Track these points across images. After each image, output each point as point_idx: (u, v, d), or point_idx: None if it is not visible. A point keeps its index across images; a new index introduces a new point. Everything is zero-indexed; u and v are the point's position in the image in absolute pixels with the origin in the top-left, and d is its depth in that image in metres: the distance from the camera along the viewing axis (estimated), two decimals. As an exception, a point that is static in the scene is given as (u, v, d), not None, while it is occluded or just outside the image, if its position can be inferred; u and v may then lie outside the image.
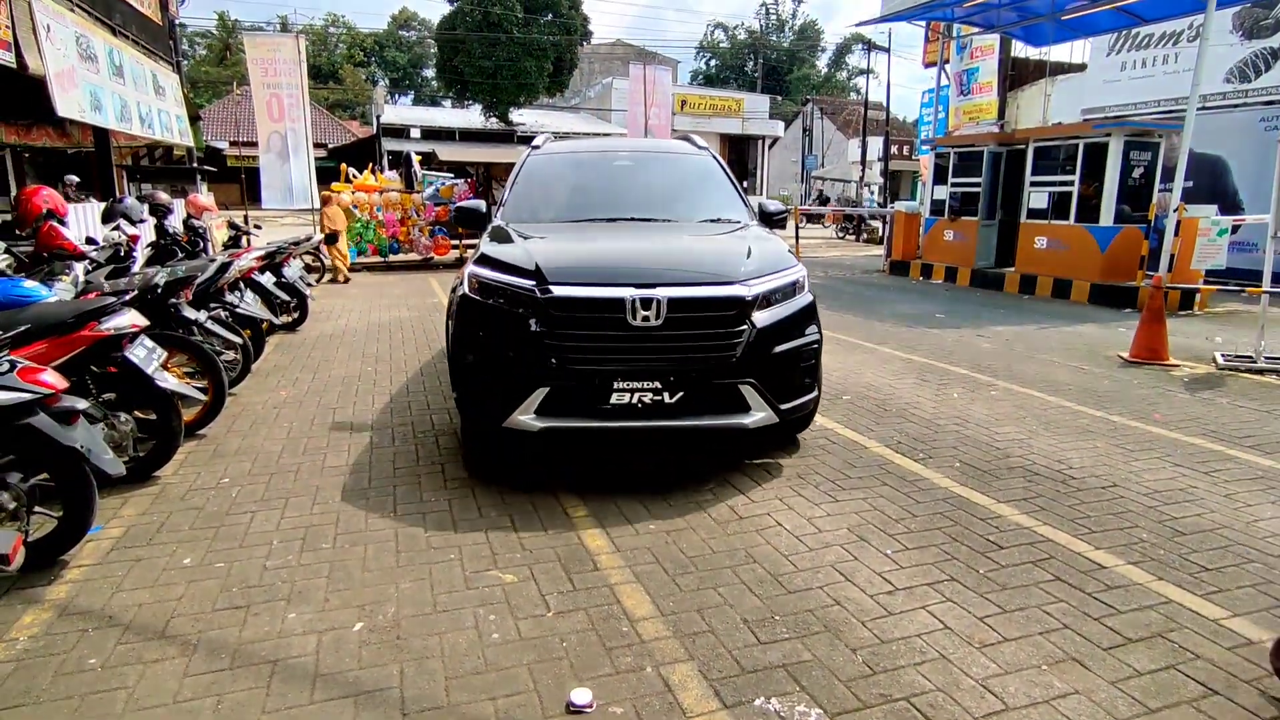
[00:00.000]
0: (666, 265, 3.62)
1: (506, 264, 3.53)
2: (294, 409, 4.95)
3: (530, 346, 3.30)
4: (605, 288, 3.32)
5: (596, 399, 3.30)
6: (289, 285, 7.52)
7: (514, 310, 3.38)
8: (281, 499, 3.47)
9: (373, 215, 13.89)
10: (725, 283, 3.44)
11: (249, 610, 2.54)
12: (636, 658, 2.27)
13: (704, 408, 3.39)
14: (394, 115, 31.79)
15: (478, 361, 3.49)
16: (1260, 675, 2.20)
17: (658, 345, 3.30)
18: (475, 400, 3.59)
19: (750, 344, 3.38)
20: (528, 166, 4.92)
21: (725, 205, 4.70)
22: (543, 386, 3.29)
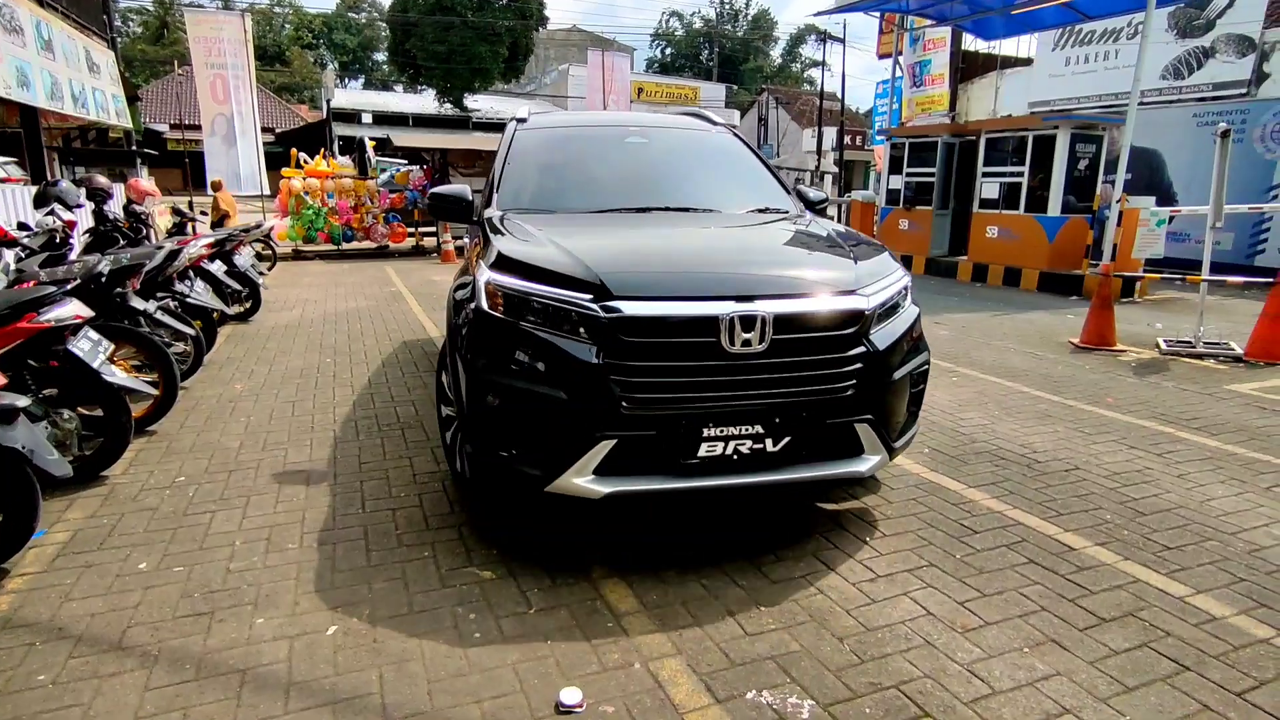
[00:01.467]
0: (762, 271, 2.84)
1: (545, 271, 2.65)
2: (251, 402, 4.75)
3: (589, 384, 2.47)
4: (692, 303, 2.53)
5: (680, 452, 2.54)
6: (240, 274, 7.23)
7: (563, 335, 2.54)
8: (243, 498, 3.32)
9: (324, 202, 13.47)
10: (841, 292, 2.71)
11: (213, 617, 2.41)
12: (624, 654, 2.23)
13: (812, 454, 2.69)
14: (344, 100, 30.86)
15: (508, 405, 2.61)
16: (1226, 650, 2.28)
17: (760, 377, 2.54)
18: (504, 456, 2.68)
19: (868, 370, 2.68)
20: (519, 144, 4.01)
21: (767, 191, 4.00)
22: (607, 438, 2.47)
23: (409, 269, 12.08)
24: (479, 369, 2.69)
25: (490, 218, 3.34)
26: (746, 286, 2.62)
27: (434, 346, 6.41)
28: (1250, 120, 11.28)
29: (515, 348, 2.61)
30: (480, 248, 3.14)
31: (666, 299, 2.56)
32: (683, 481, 2.58)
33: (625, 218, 3.55)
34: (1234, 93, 12.29)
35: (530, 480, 2.62)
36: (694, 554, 2.83)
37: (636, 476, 2.58)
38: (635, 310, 2.49)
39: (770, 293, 2.60)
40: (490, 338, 2.69)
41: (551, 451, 2.56)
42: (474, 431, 2.79)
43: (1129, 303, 9.50)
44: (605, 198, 3.72)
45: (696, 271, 2.83)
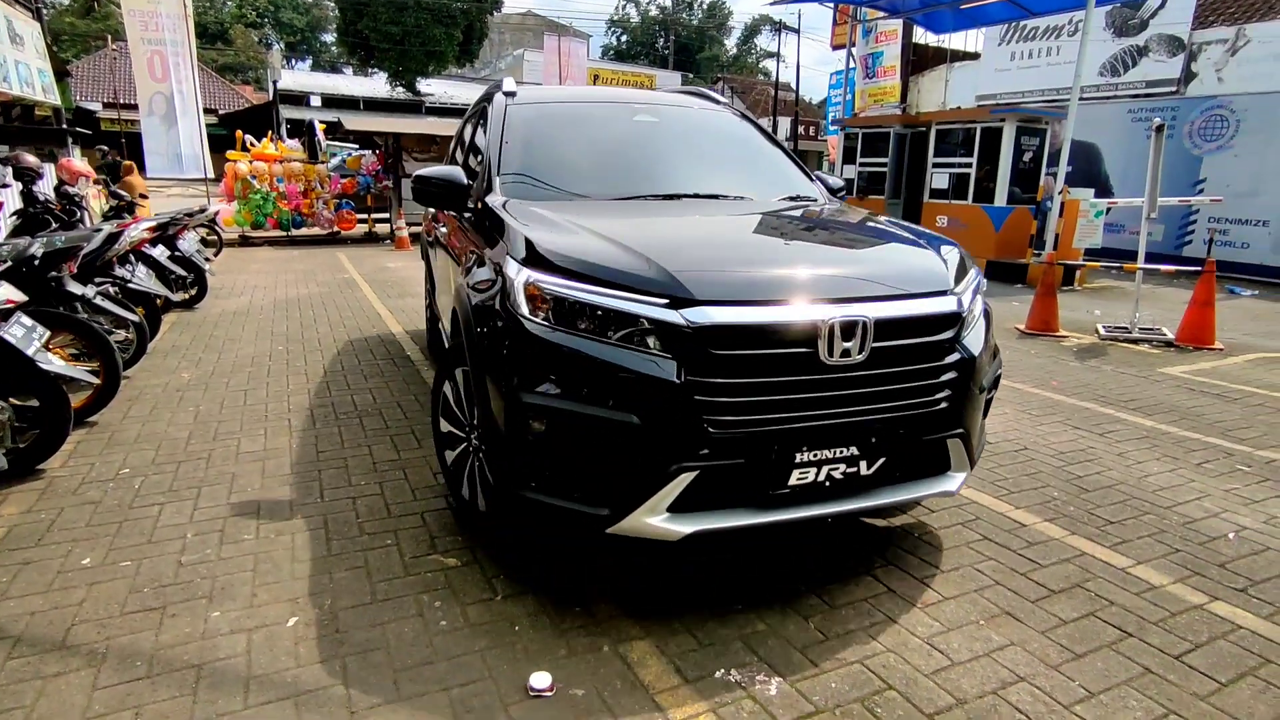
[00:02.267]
0: (856, 270, 2.52)
1: (602, 270, 2.24)
2: (200, 391, 4.59)
3: (668, 406, 2.09)
4: (787, 307, 2.19)
5: (769, 481, 2.20)
6: (185, 259, 6.96)
7: (632, 348, 2.14)
8: (193, 489, 3.21)
9: (273, 186, 13.03)
10: (937, 292, 2.42)
11: (165, 612, 2.33)
12: (592, 637, 2.23)
13: (904, 474, 2.42)
14: (292, 81, 29.82)
15: (560, 434, 2.20)
16: (1165, 616, 2.40)
17: (858, 391, 2.24)
18: (550, 493, 2.28)
19: (962, 379, 2.41)
20: (516, 122, 3.48)
21: (792, 177, 3.72)
22: (687, 469, 2.11)
23: (362, 256, 11.79)
24: (517, 389, 2.23)
25: (498, 206, 2.88)
26: (844, 288, 2.31)
27: (389, 334, 6.28)
28: (1180, 117, 11.79)
29: (567, 363, 2.18)
30: (484, 241, 2.80)
31: (758, 303, 2.19)
32: (771, 514, 2.23)
33: (656, 206, 3.14)
34: (1165, 90, 12.82)
35: (587, 521, 2.22)
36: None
37: (718, 511, 2.21)
38: (724, 318, 2.12)
39: (869, 295, 2.29)
40: (533, 351, 2.23)
41: (618, 487, 2.17)
42: (508, 464, 2.33)
43: (1069, 290, 9.85)
44: (625, 183, 3.33)
45: (786, 271, 2.40)
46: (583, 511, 2.23)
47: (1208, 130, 11.50)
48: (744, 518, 2.21)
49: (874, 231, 3.02)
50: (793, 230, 2.99)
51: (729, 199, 3.35)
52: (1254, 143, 11.00)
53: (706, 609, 2.38)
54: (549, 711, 1.92)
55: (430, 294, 5.36)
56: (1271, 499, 3.36)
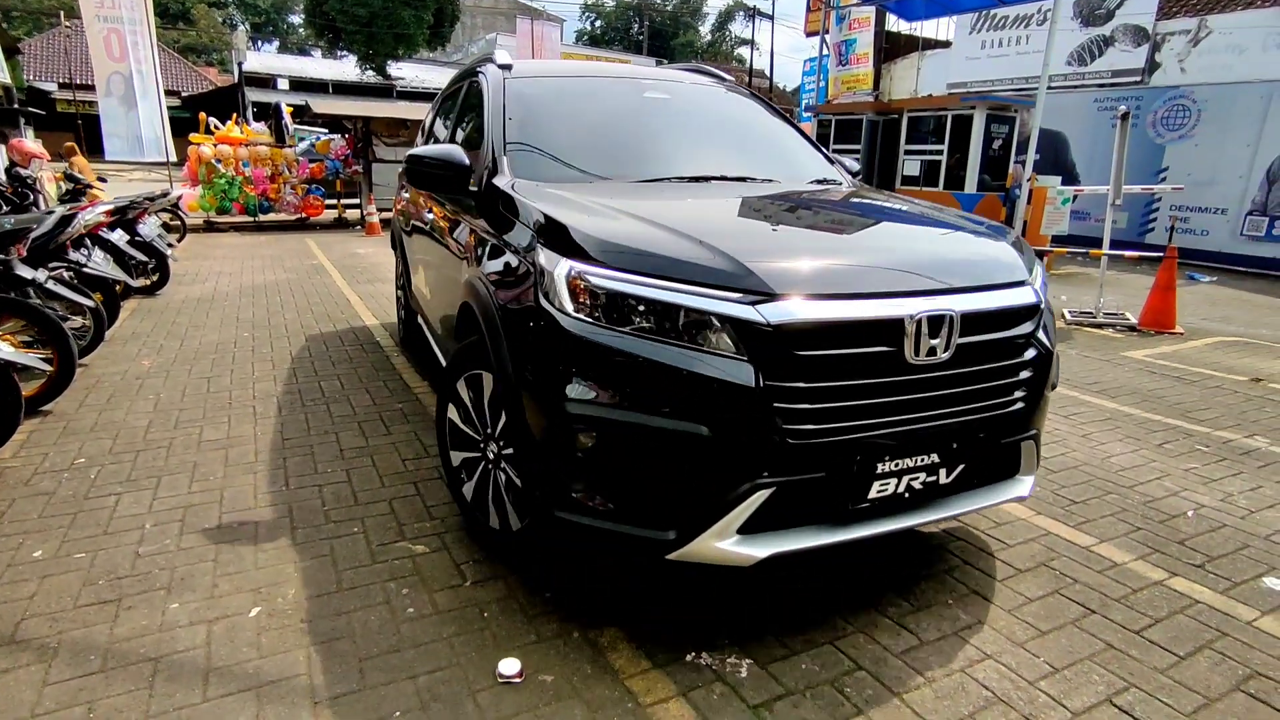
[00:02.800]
0: (937, 258, 2.29)
1: (658, 258, 1.98)
2: (160, 379, 4.46)
3: (744, 414, 1.86)
4: (874, 301, 1.98)
5: (849, 494, 2.00)
6: (146, 244, 6.76)
7: (700, 349, 1.89)
8: (153, 478, 3.12)
9: (239, 171, 12.71)
10: (1016, 283, 2.25)
11: (121, 604, 2.26)
12: (562, 623, 2.21)
13: (980, 480, 2.25)
14: (258, 63, 29.10)
15: (615, 449, 1.96)
16: (1127, 593, 2.44)
17: (942, 393, 2.06)
18: (599, 516, 2.02)
19: (1038, 376, 2.26)
20: (517, 98, 3.15)
21: (812, 159, 3.52)
22: (763, 485, 1.89)
23: (331, 242, 11.57)
24: (561, 398, 1.97)
25: (508, 188, 2.59)
26: (928, 279, 2.09)
27: (359, 320, 6.16)
28: (1144, 106, 11.98)
29: (621, 368, 1.92)
30: (497, 227, 2.55)
31: (843, 298, 1.96)
32: (849, 531, 2.03)
33: (688, 189, 2.88)
34: (1130, 80, 13.01)
35: (644, 547, 1.98)
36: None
37: (792, 530, 2.00)
38: (809, 314, 1.90)
39: (953, 286, 2.09)
40: (579, 354, 1.96)
41: (682, 508, 1.93)
42: (549, 483, 2.07)
43: (1039, 277, 9.97)
44: (645, 163, 3.08)
45: (865, 262, 2.18)
46: (640, 536, 1.97)
47: (1170, 120, 11.72)
48: (820, 536, 2.00)
49: (933, 218, 2.72)
50: (849, 217, 2.69)
51: (757, 181, 3.11)
52: (1213, 132, 11.24)
53: (677, 591, 2.38)
54: (517, 698, 1.90)
55: (405, 285, 5.01)
56: (1228, 477, 3.44)
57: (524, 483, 2.23)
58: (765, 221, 2.57)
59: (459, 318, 2.80)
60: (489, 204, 2.72)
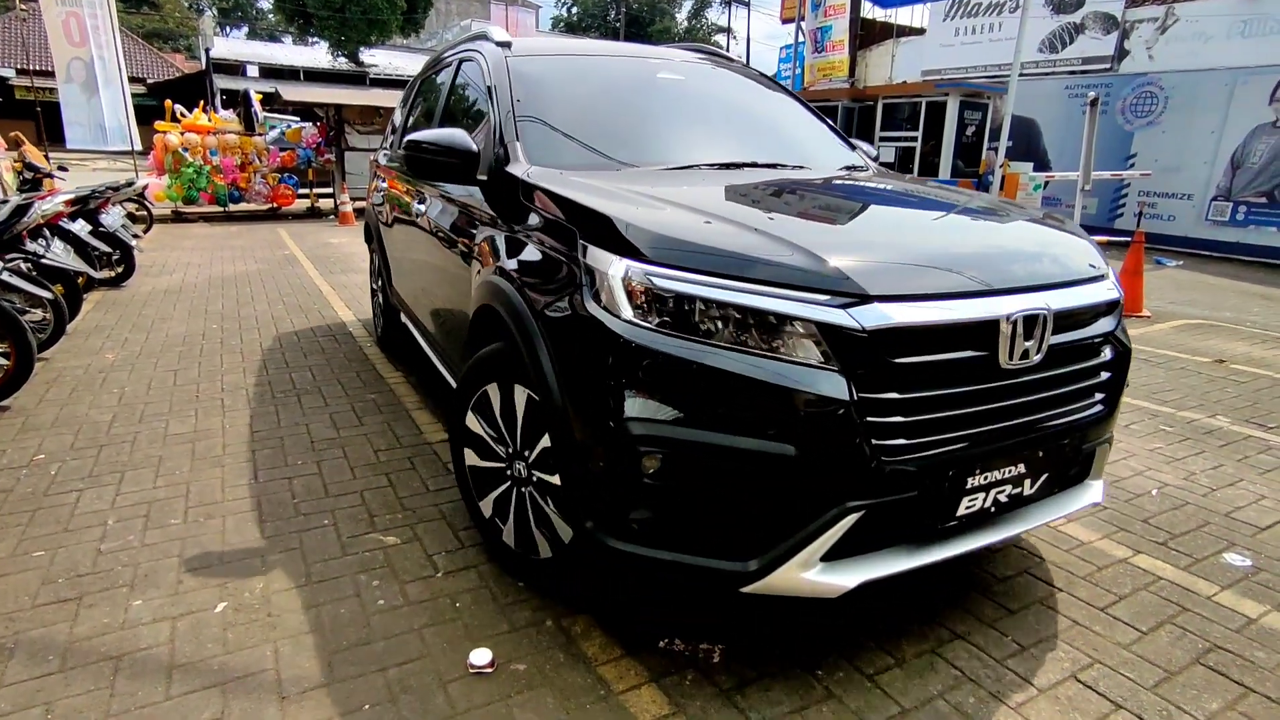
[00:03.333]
0: (1015, 254, 2.09)
1: (730, 256, 1.77)
2: (125, 373, 4.36)
3: (834, 431, 1.68)
4: (969, 301, 1.80)
5: (938, 513, 1.85)
6: (109, 235, 6.59)
7: (783, 358, 1.69)
8: (116, 474, 3.05)
9: (207, 159, 12.44)
10: (1095, 277, 2.11)
11: (81, 603, 2.21)
12: (534, 612, 2.20)
13: (1058, 488, 2.12)
14: (226, 50, 28.41)
15: (683, 471, 1.74)
16: (1092, 571, 2.49)
17: (1031, 399, 1.92)
18: (666, 547, 1.81)
19: (1117, 376, 2.16)
20: (524, 78, 2.89)
21: (835, 143, 3.35)
22: (852, 509, 1.71)
23: (304, 232, 11.38)
24: (623, 416, 1.75)
25: (527, 176, 2.38)
26: (1018, 274, 1.93)
27: (331, 310, 6.07)
28: (1113, 94, 12.14)
29: (692, 381, 1.70)
30: (515, 221, 2.36)
31: (939, 298, 1.78)
32: (937, 551, 1.87)
33: (722, 177, 2.63)
34: (1100, 67, 13.16)
35: (716, 579, 1.79)
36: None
37: (879, 554, 1.83)
38: (906, 317, 1.71)
39: (1046, 281, 1.95)
40: (642, 366, 1.74)
41: (762, 536, 1.74)
42: (604, 510, 1.86)
43: (1012, 263, 10.10)
44: (671, 149, 2.88)
45: (953, 257, 1.95)
46: (712, 568, 1.78)
47: (1138, 106, 11.88)
48: (907, 559, 1.84)
49: (994, 208, 2.55)
50: (911, 208, 2.51)
51: (788, 168, 2.90)
52: (1180, 119, 11.42)
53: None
54: (489, 688, 1.89)
55: (384, 282, 4.65)
56: (1191, 457, 3.51)
57: (570, 509, 1.99)
58: (828, 213, 2.36)
59: (475, 321, 2.51)
60: (503, 194, 2.50)
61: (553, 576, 2.24)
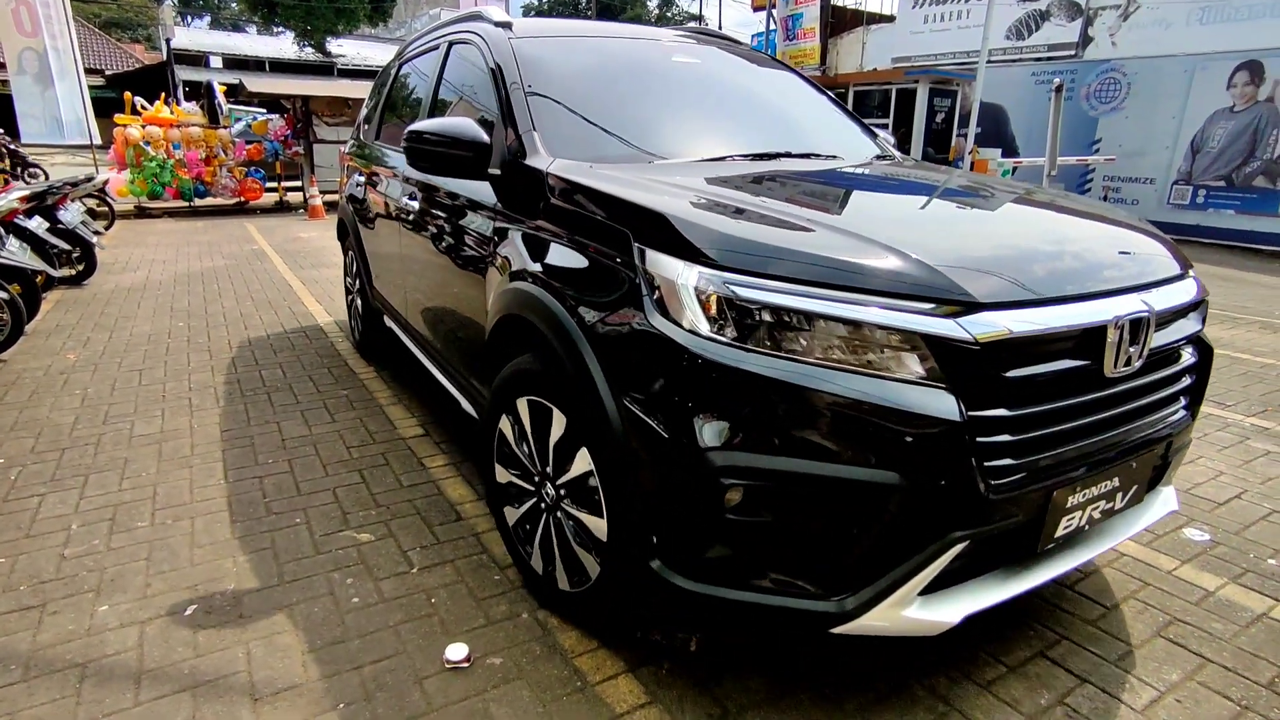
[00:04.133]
0: (1105, 252, 1.92)
1: (820, 261, 1.57)
2: (87, 373, 4.26)
3: (942, 455, 1.51)
4: (1079, 304, 1.66)
5: (1038, 536, 1.70)
6: (68, 232, 6.41)
7: (885, 375, 1.50)
8: (79, 477, 2.98)
9: (170, 153, 12.14)
10: (1180, 275, 1.96)
11: (44, 610, 2.16)
12: (511, 605, 2.20)
13: (1140, 499, 1.97)
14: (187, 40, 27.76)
15: (769, 505, 1.55)
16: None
17: (1129, 408, 1.80)
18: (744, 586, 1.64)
19: (1201, 379, 2.06)
20: (533, 62, 2.65)
21: (858, 132, 3.19)
22: (958, 537, 1.54)
23: (272, 226, 11.18)
24: (698, 443, 1.55)
25: (555, 170, 2.16)
26: (1122, 273, 1.79)
27: (302, 306, 5.98)
28: (1078, 80, 12.32)
29: (784, 403, 1.51)
30: (540, 219, 2.14)
31: (1050, 303, 1.62)
32: (1035, 576, 1.74)
33: (761, 167, 2.43)
34: (1065, 54, 13.35)
35: (805, 621, 1.62)
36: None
37: (976, 583, 1.70)
38: (1022, 326, 1.54)
39: (1143, 282, 1.80)
40: (724, 387, 1.54)
41: (859, 573, 1.57)
42: (673, 548, 1.67)
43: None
44: (701, 139, 2.69)
45: (1056, 258, 1.80)
46: (800, 610, 1.61)
47: (1102, 92, 12.07)
48: (1008, 586, 1.71)
49: (1060, 202, 2.36)
50: (982, 202, 2.28)
51: (823, 158, 2.73)
52: (1142, 105, 11.63)
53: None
54: (465, 683, 1.89)
55: (364, 283, 4.33)
56: (1155, 437, 3.59)
57: (624, 545, 1.78)
58: (903, 211, 2.17)
59: (497, 331, 2.27)
60: (520, 190, 2.30)
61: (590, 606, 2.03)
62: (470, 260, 2.58)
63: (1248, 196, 10.57)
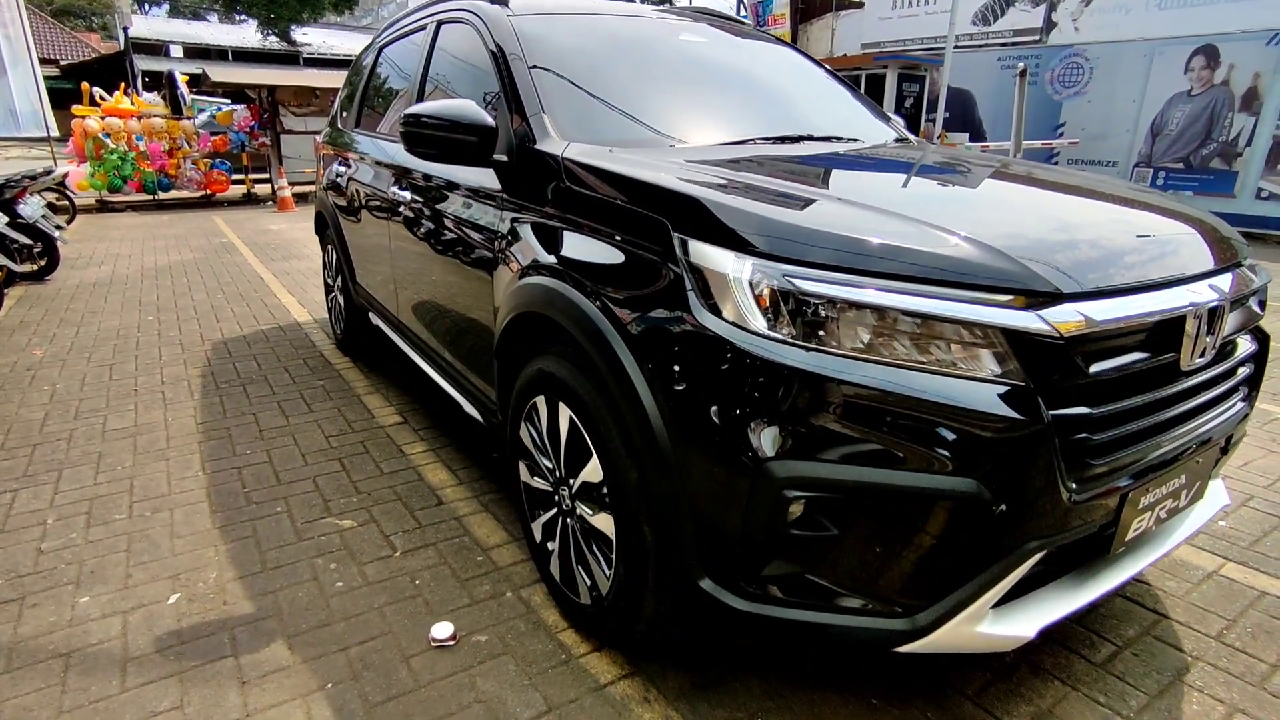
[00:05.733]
0: (1175, 234, 1.80)
1: (888, 251, 1.44)
2: (55, 369, 4.19)
3: (1021, 460, 1.38)
4: (1159, 292, 1.56)
5: (1109, 540, 1.61)
6: (29, 226, 6.26)
7: (960, 374, 1.38)
8: (52, 472, 2.95)
9: (132, 145, 11.85)
10: (1240, 261, 1.86)
11: (24, 603, 2.16)
12: (495, 585, 2.24)
13: (1199, 495, 1.87)
14: (146, 29, 26.94)
15: (834, 516, 1.42)
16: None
17: (1200, 401, 1.71)
18: (803, 604, 1.52)
19: (1261, 368, 1.95)
20: (537, 42, 2.49)
21: (873, 114, 3.11)
22: (1035, 547, 1.44)
23: (241, 218, 10.99)
24: (756, 452, 1.41)
25: (570, 155, 2.01)
26: (1195, 259, 1.69)
27: (274, 297, 5.91)
28: (1042, 65, 12.52)
29: (851, 407, 1.37)
30: (562, 210, 1.98)
31: (1131, 291, 1.51)
32: (1107, 580, 1.65)
33: (788, 150, 2.32)
34: (1030, 39, 13.54)
35: (872, 640, 1.50)
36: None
37: (1047, 592, 1.61)
38: (1108, 316, 1.44)
39: (1214, 268, 1.70)
40: (787, 390, 1.39)
41: (930, 587, 1.45)
42: (725, 566, 1.55)
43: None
44: (719, 120, 2.56)
45: (1127, 242, 1.68)
46: (865, 628, 1.49)
47: (1066, 77, 12.28)
48: (1079, 594, 1.61)
49: (1117, 186, 2.23)
50: (1035, 186, 2.17)
51: (844, 140, 2.63)
52: (1104, 89, 11.85)
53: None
54: (451, 660, 1.93)
55: (347, 279, 4.14)
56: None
57: (670, 564, 1.65)
58: (961, 196, 2.04)
59: (510, 329, 2.15)
60: (531, 177, 2.14)
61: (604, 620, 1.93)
62: (473, 253, 2.44)
63: (1205, 178, 10.85)
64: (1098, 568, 1.67)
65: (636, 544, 1.70)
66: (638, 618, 1.79)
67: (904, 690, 1.84)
